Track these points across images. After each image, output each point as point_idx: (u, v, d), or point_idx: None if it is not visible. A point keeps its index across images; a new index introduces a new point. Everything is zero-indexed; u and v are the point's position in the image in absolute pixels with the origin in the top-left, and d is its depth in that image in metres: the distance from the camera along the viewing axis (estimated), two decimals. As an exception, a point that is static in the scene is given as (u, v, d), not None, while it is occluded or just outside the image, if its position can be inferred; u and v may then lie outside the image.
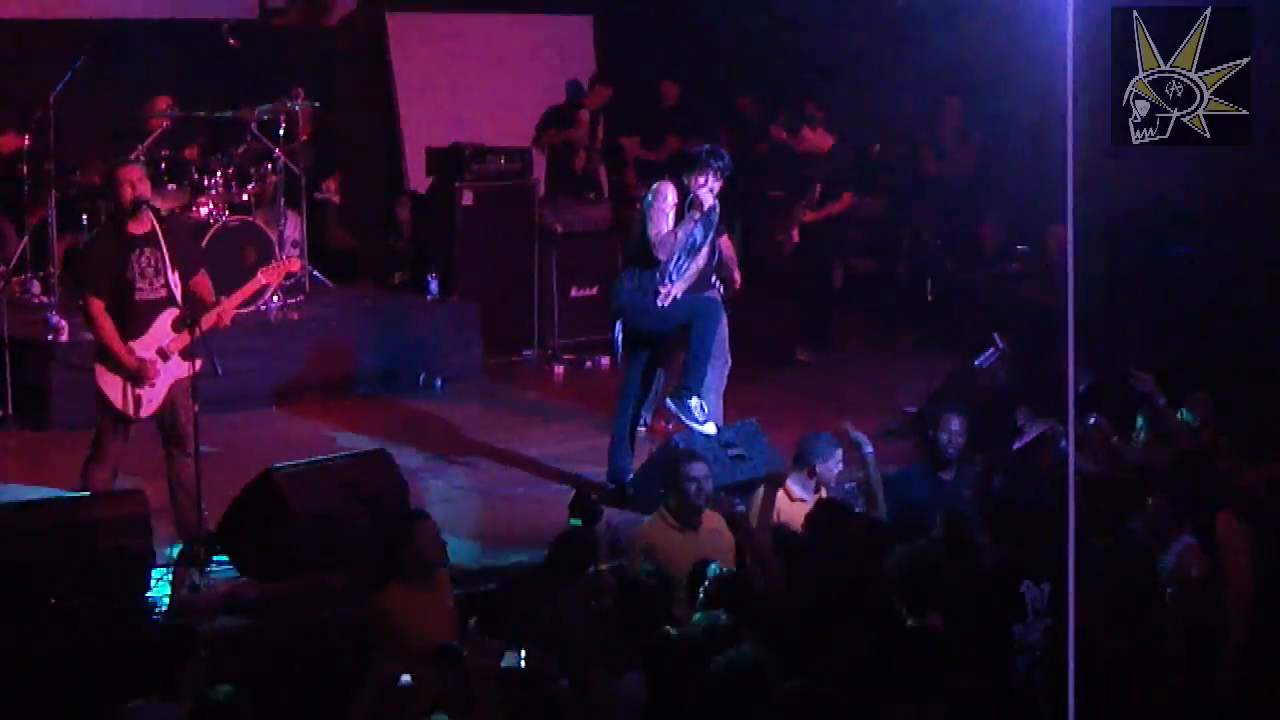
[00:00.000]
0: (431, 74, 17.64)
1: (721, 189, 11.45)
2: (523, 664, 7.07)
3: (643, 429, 12.01)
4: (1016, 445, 11.15)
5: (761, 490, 9.94)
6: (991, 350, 13.00)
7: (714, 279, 11.94)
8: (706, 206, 11.33)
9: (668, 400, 11.44)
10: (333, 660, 8.42)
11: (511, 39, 18.17)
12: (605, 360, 15.12)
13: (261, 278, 10.52)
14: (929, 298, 16.60)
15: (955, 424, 10.44)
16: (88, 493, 9.93)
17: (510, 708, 6.79)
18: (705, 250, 11.53)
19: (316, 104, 15.42)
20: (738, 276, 12.06)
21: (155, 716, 6.98)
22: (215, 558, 9.97)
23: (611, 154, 17.59)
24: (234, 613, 9.42)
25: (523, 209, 15.66)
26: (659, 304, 11.38)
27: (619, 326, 11.58)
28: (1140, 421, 10.69)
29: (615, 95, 17.55)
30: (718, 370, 11.82)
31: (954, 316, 15.47)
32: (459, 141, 15.74)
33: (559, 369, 15.28)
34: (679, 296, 11.44)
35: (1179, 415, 10.65)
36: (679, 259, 11.37)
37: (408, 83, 17.61)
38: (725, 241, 11.95)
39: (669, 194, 11.31)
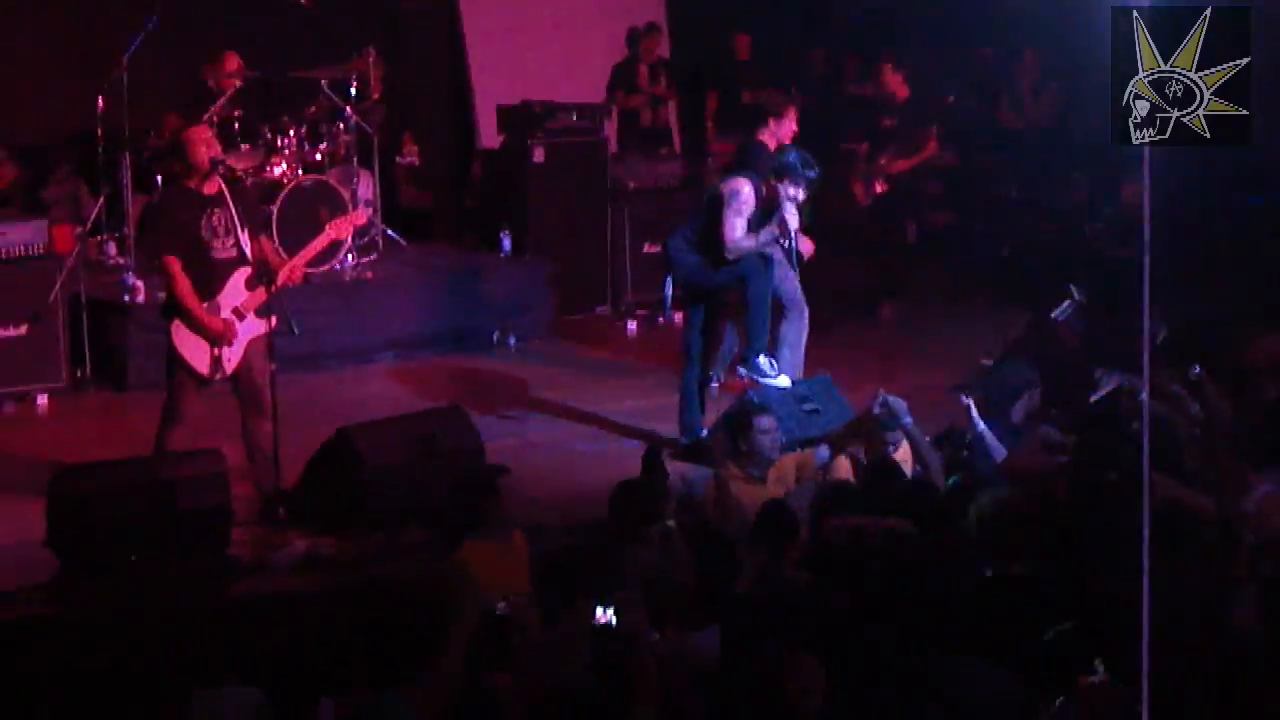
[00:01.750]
0: (502, 31, 17.61)
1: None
2: (614, 619, 7.05)
3: (715, 385, 11.99)
4: (1093, 398, 11.07)
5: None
6: (1068, 303, 12.91)
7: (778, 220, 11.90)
8: (792, 227, 11.27)
9: (738, 367, 11.44)
10: (411, 616, 8.45)
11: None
12: (678, 316, 15.11)
13: (331, 231, 10.53)
14: (1005, 252, 16.49)
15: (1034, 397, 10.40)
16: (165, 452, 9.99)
17: (603, 663, 6.78)
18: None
19: (388, 62, 15.42)
20: (806, 247, 12.03)
21: (224, 704, 6.99)
22: (293, 516, 10.02)
23: (689, 108, 17.54)
24: (312, 570, 9.47)
25: (594, 165, 15.63)
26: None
27: (669, 282, 11.57)
28: None
29: (687, 48, 17.49)
30: (793, 324, 11.80)
31: (1031, 271, 15.37)
32: (530, 98, 15.72)
33: (632, 325, 15.27)
34: None
35: None
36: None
37: (478, 40, 17.59)
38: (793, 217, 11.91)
39: (748, 195, 11.26)
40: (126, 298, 13.12)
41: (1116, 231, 14.82)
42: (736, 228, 11.23)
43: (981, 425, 10.03)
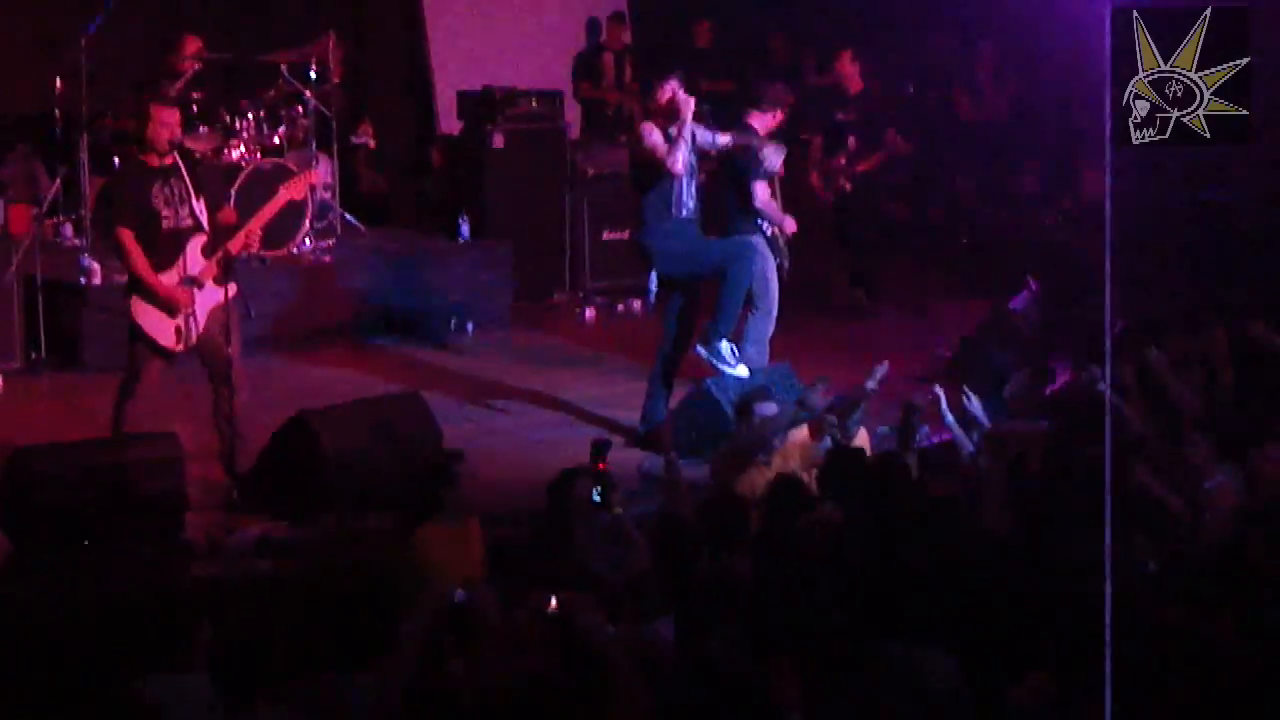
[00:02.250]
0: (462, 16, 17.59)
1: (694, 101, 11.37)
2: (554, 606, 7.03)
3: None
4: (1049, 389, 11.11)
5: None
6: (1025, 293, 12.96)
7: (761, 220, 11.91)
8: (685, 115, 11.21)
9: (697, 346, 11.39)
10: (366, 602, 8.42)
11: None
12: (637, 304, 15.12)
13: (284, 192, 10.45)
14: (963, 242, 16.54)
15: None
16: (121, 434, 9.94)
17: (556, 654, 6.75)
18: (695, 166, 11.46)
19: (348, 47, 15.37)
20: (789, 225, 12.06)
21: (175, 691, 6.94)
22: (248, 500, 9.99)
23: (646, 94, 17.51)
24: (267, 555, 9.43)
25: (554, 152, 15.62)
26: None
27: (653, 275, 11.50)
28: None
29: (646, 35, 17.49)
30: (760, 319, 11.78)
31: (988, 261, 15.41)
32: (490, 84, 15.70)
33: (590, 312, 15.25)
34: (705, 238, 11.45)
35: None
36: (687, 184, 11.31)
37: (439, 25, 17.56)
38: (763, 188, 11.91)
39: (652, 130, 11.25)
40: (83, 279, 13.05)
41: (1075, 222, 14.89)
42: (660, 148, 11.20)
43: (950, 417, 10.02)
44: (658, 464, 10.58)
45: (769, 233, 11.95)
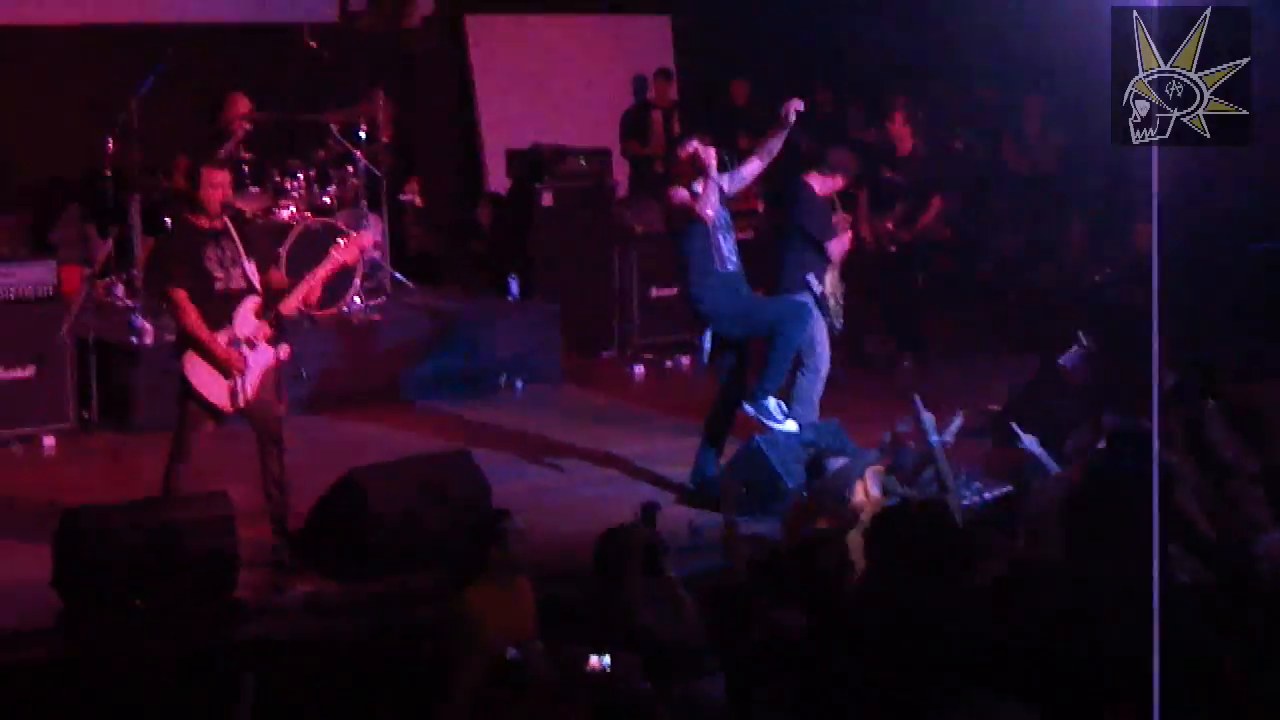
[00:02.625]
0: (511, 76, 17.69)
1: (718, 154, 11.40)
2: (608, 667, 7.03)
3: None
4: (1101, 444, 11.05)
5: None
6: (1076, 349, 12.90)
7: (809, 276, 11.92)
8: (708, 165, 11.23)
9: (744, 403, 11.38)
10: (416, 662, 8.43)
11: (590, 40, 18.20)
12: (686, 360, 15.12)
13: (336, 256, 10.47)
14: (1012, 298, 16.48)
15: None
16: (171, 494, 9.97)
17: (595, 710, 6.76)
18: (730, 220, 11.47)
19: (397, 106, 15.46)
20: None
21: None
22: (299, 559, 10.01)
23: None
24: (318, 615, 9.45)
25: (602, 209, 15.67)
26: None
27: (708, 335, 11.46)
28: None
29: (689, 94, 17.55)
30: (810, 378, 11.79)
31: (1037, 316, 15.35)
32: (538, 143, 15.76)
33: (639, 369, 15.26)
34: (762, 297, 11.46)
35: None
36: (725, 237, 11.32)
37: (487, 84, 17.67)
38: (839, 246, 11.96)
39: (677, 190, 11.29)
40: (134, 339, 13.13)
41: (1125, 277, 14.81)
42: (691, 201, 11.22)
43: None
44: (708, 521, 10.57)
45: (819, 292, 11.96)
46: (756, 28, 18.46)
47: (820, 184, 12.18)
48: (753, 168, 11.58)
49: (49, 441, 12.55)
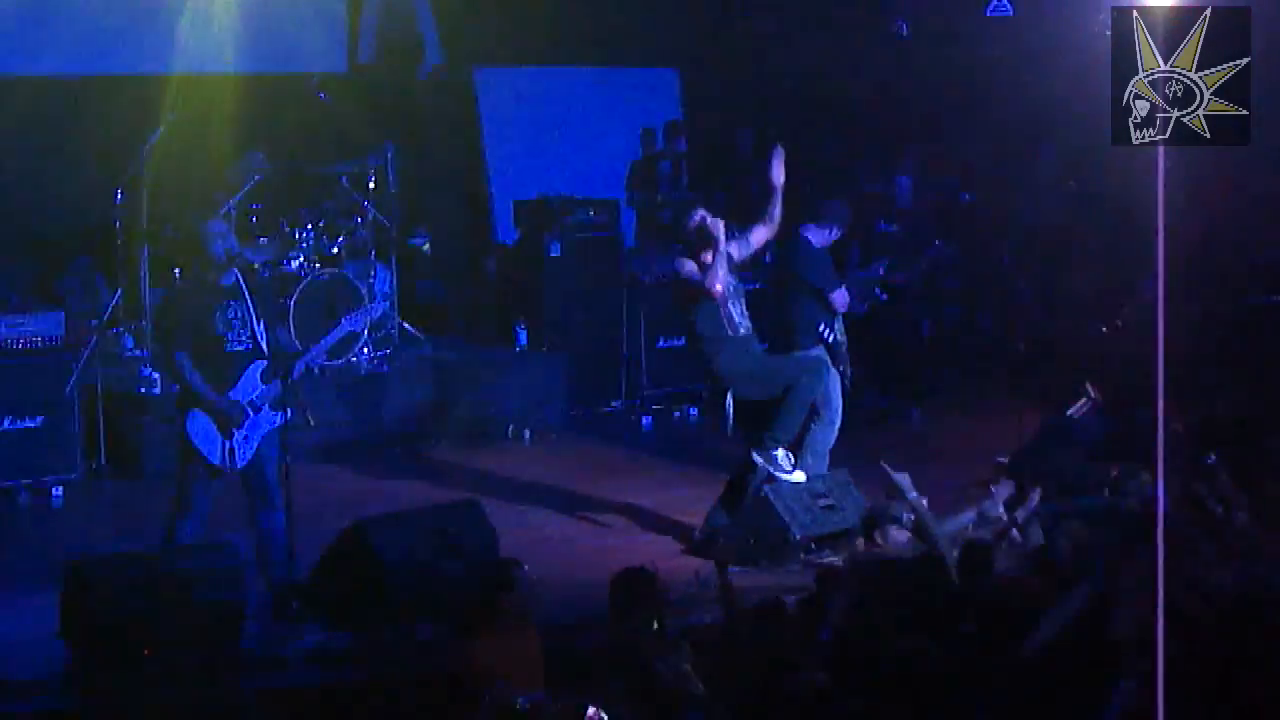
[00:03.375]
0: (519, 127, 17.72)
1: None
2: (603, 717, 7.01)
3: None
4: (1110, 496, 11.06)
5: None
6: (1084, 400, 12.89)
7: (823, 329, 11.92)
8: (717, 237, 11.26)
9: (753, 452, 11.38)
10: (426, 711, 8.42)
11: (598, 92, 18.23)
12: (694, 410, 15.14)
13: (346, 323, 10.54)
14: (1020, 347, 16.49)
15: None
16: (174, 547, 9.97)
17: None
18: (739, 284, 11.49)
19: (406, 157, 15.50)
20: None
21: None
22: (306, 609, 10.00)
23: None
24: (326, 664, 9.43)
25: (610, 260, 15.69)
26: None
27: (730, 399, 11.44)
28: None
29: (697, 145, 17.59)
30: (823, 429, 11.79)
31: (1045, 367, 15.35)
32: (546, 194, 15.80)
33: (647, 420, 15.27)
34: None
35: None
36: (735, 302, 11.34)
37: (496, 136, 17.69)
38: (843, 296, 11.97)
39: (684, 263, 11.31)
40: (142, 389, 13.17)
41: (1131, 329, 14.82)
42: (698, 275, 11.24)
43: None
44: (713, 573, 10.56)
45: (830, 339, 11.96)
46: (765, 83, 18.50)
47: (817, 235, 12.19)
48: (759, 235, 11.58)
49: (58, 492, 12.57)
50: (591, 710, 6.99)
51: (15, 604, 10.17)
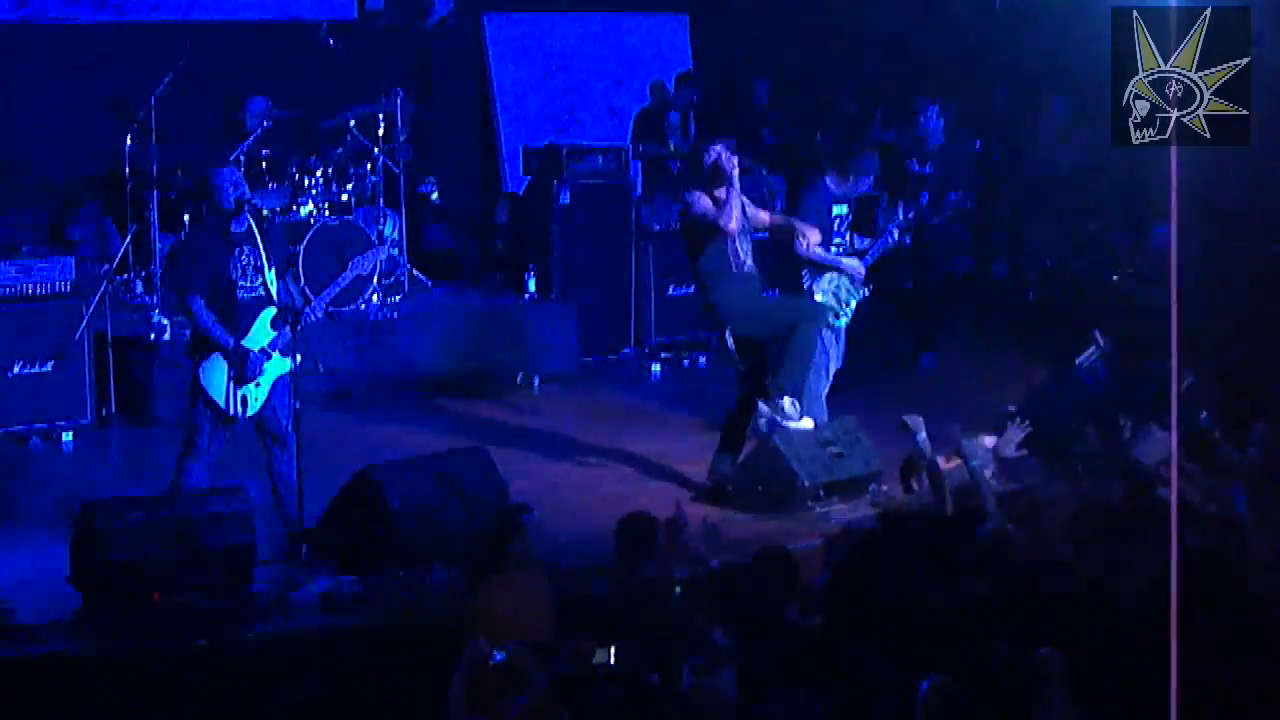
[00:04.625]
0: (528, 73, 17.69)
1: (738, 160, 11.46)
2: (612, 660, 7.03)
3: None
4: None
5: None
6: (1092, 349, 12.88)
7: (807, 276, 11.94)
8: (731, 176, 11.25)
9: (759, 402, 11.38)
10: (434, 656, 8.44)
11: (608, 38, 18.19)
12: (703, 358, 15.13)
13: (353, 267, 10.58)
14: (1030, 296, 16.47)
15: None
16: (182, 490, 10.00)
17: (602, 704, 6.76)
18: (748, 224, 11.49)
19: (415, 104, 15.48)
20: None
21: None
22: (316, 554, 10.03)
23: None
24: (335, 609, 9.46)
25: (619, 207, 15.65)
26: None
27: (729, 336, 11.43)
28: None
29: (709, 93, 17.54)
30: (820, 374, 11.79)
31: (1054, 316, 15.33)
32: (556, 141, 15.77)
33: (656, 367, 15.27)
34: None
35: None
36: (742, 241, 11.32)
37: (505, 82, 17.66)
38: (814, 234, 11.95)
39: (699, 197, 11.30)
40: (152, 335, 13.17)
41: (1143, 276, 14.80)
42: (712, 212, 11.23)
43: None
44: (723, 518, 10.60)
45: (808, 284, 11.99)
46: (775, 28, 18.44)
47: (837, 186, 12.18)
48: (763, 219, 11.60)
49: (68, 437, 12.59)
50: (599, 652, 7.00)
51: (26, 548, 10.20)
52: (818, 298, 12.00)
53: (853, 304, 12.19)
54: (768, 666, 7.14)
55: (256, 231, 10.10)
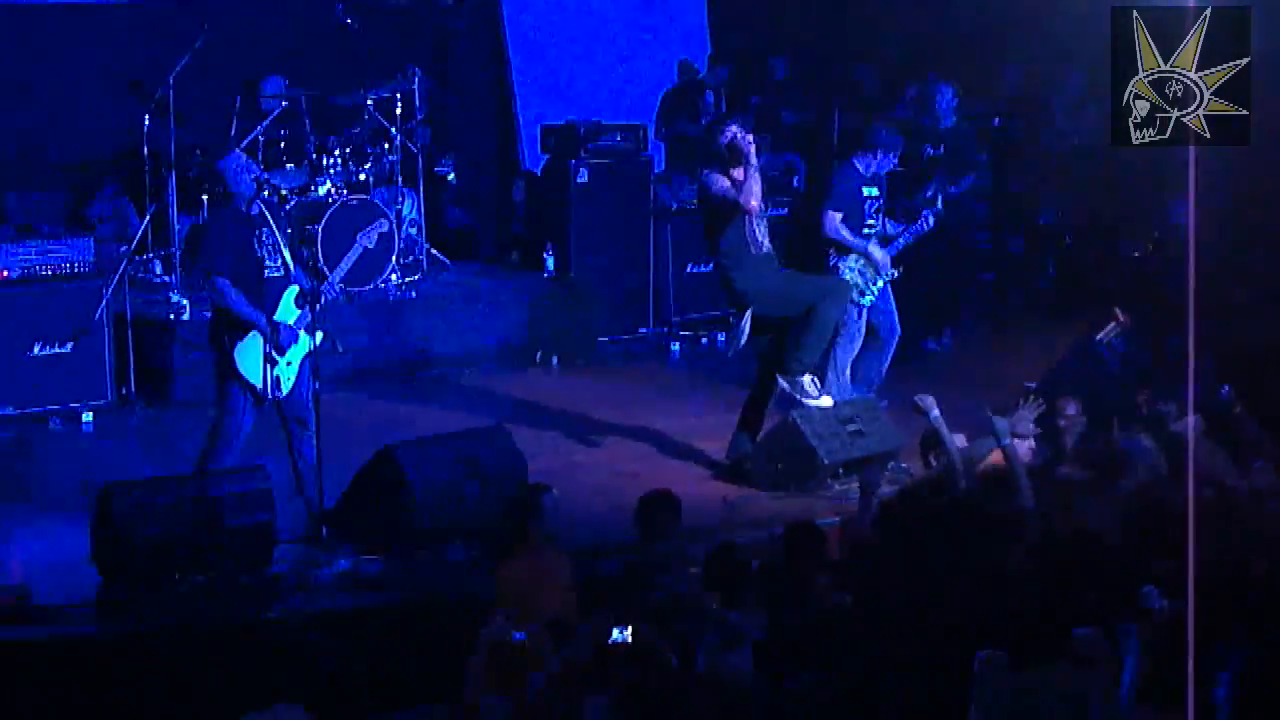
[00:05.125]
0: (546, 51, 17.66)
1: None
2: (629, 639, 7.02)
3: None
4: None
5: None
6: (1112, 325, 12.85)
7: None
8: (749, 154, 11.24)
9: (779, 379, 11.38)
10: (453, 634, 8.46)
11: (626, 15, 18.16)
12: (722, 337, 15.10)
13: (360, 241, 10.62)
14: (1049, 273, 16.43)
15: (1072, 408, 10.38)
16: (208, 469, 10.02)
17: (619, 684, 6.76)
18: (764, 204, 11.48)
19: (432, 83, 15.46)
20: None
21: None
22: (336, 534, 10.04)
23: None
24: (355, 588, 9.48)
25: (638, 185, 15.63)
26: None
27: (748, 316, 11.41)
28: None
29: (727, 69, 17.54)
30: (844, 347, 11.81)
31: (1074, 292, 15.30)
32: (574, 119, 15.75)
33: (675, 346, 15.26)
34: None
35: None
36: (759, 222, 11.31)
37: (522, 60, 17.64)
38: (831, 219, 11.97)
39: (717, 178, 11.27)
40: (172, 315, 13.18)
41: (1163, 253, 14.75)
42: (731, 191, 11.22)
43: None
44: (743, 496, 10.59)
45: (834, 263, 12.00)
46: (792, 3, 18.40)
47: (864, 162, 12.18)
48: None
49: (88, 417, 12.61)
50: (616, 633, 7.00)
51: (47, 529, 10.24)
52: (845, 276, 12.00)
53: (880, 283, 12.19)
54: (796, 641, 7.15)
55: (268, 211, 10.12)
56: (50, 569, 9.55)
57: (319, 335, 10.09)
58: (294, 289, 10.09)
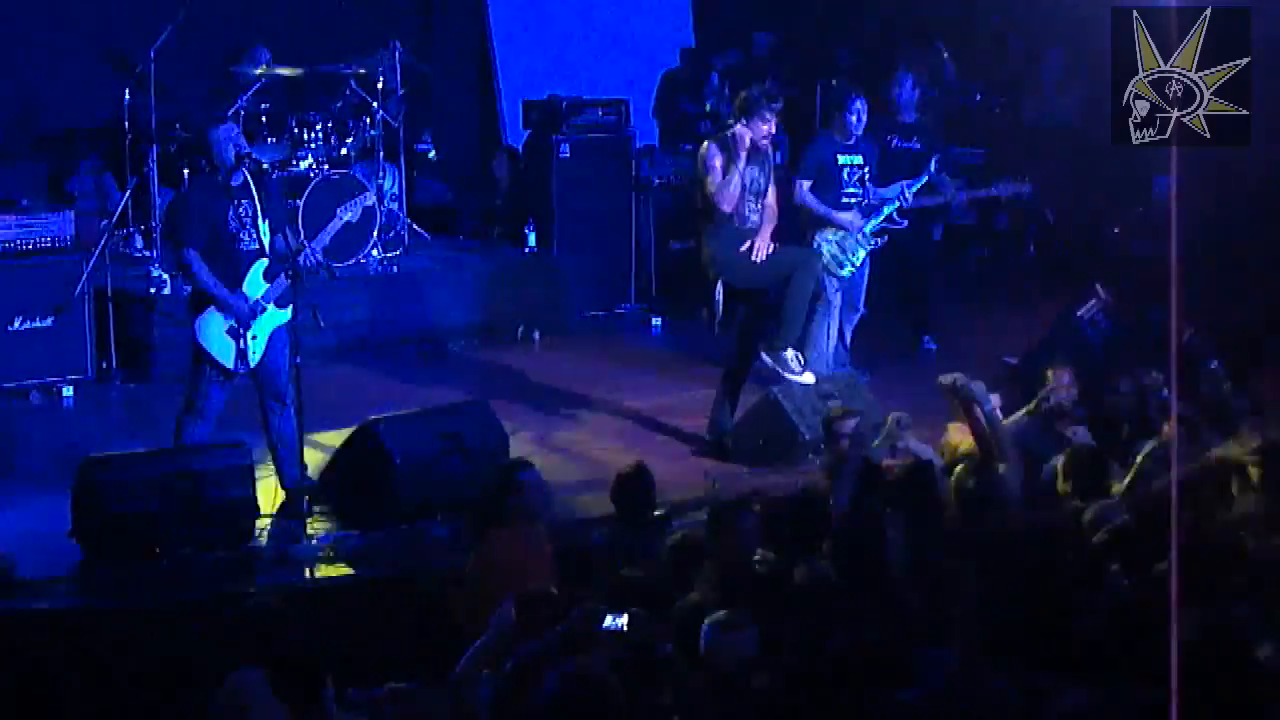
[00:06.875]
0: (528, 26, 17.62)
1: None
2: (624, 626, 6.98)
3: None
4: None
5: None
6: (1094, 301, 12.87)
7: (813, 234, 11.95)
8: (762, 146, 11.26)
9: (762, 354, 11.38)
10: (434, 609, 8.46)
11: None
12: (704, 312, 15.08)
13: (341, 214, 10.60)
14: (1030, 249, 16.43)
15: (1066, 378, 10.37)
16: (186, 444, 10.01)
17: (615, 670, 6.72)
18: (771, 190, 11.46)
19: (414, 57, 15.43)
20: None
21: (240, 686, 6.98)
22: (316, 508, 10.04)
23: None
24: (336, 563, 9.48)
25: (620, 161, 15.60)
26: (753, 259, 11.31)
27: (719, 288, 11.41)
28: None
29: (712, 47, 17.53)
30: (820, 323, 11.84)
31: (1055, 269, 15.30)
32: (556, 94, 15.72)
33: (656, 321, 15.25)
34: (773, 247, 11.38)
35: None
36: (748, 204, 11.30)
37: (504, 35, 17.60)
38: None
39: (713, 152, 11.25)
40: (152, 290, 13.16)
41: (1145, 229, 14.77)
42: (715, 178, 11.22)
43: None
44: (724, 473, 10.59)
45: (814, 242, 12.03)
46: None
47: (844, 130, 12.25)
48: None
49: (68, 392, 12.58)
50: (610, 618, 6.97)
51: (27, 503, 10.21)
52: (822, 248, 12.02)
53: (860, 254, 12.20)
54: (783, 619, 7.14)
55: (252, 185, 10.08)
56: (32, 542, 9.52)
57: (294, 309, 10.04)
58: (262, 262, 10.05)
